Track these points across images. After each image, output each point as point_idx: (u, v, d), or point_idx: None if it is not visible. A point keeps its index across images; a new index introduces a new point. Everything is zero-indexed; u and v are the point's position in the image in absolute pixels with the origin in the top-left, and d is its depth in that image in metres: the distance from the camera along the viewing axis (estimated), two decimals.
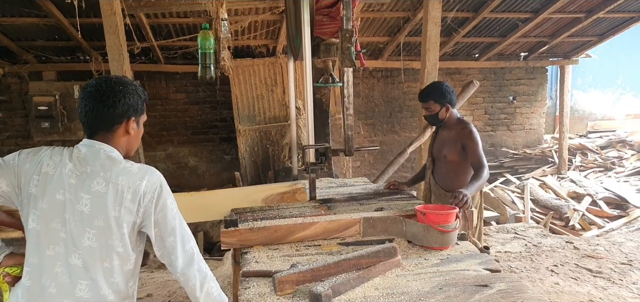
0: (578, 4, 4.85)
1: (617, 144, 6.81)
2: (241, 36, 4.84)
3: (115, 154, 1.26)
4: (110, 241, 1.21)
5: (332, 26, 2.49)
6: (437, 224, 1.74)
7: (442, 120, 2.57)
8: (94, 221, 1.19)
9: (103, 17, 2.95)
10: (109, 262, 1.22)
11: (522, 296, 1.37)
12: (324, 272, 1.46)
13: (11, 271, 1.28)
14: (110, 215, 1.19)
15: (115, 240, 1.21)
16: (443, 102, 2.52)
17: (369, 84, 6.04)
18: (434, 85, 2.60)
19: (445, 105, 2.52)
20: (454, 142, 2.47)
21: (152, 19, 4.37)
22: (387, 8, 4.69)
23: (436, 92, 2.53)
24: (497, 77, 6.48)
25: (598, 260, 3.73)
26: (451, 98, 2.53)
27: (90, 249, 1.20)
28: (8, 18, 4.17)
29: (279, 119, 4.99)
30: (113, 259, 1.22)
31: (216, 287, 1.34)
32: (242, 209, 2.16)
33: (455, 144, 2.47)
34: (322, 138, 3.00)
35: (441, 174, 2.58)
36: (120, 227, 1.21)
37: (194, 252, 1.31)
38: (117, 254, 1.22)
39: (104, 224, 1.19)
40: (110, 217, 1.19)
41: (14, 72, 4.98)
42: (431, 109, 2.56)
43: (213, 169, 5.73)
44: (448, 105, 2.53)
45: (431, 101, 2.54)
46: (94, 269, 1.20)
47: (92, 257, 1.20)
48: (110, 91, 1.24)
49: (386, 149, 6.08)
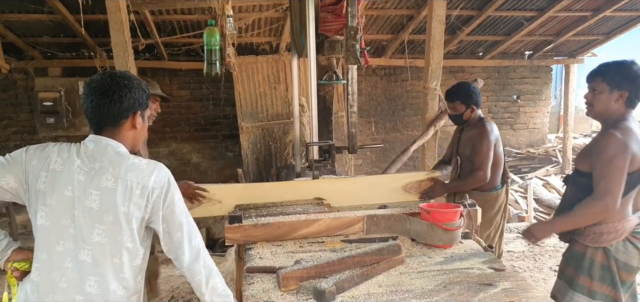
0: (584, 3, 4.82)
1: None
2: (245, 33, 4.84)
3: (122, 149, 1.27)
4: (120, 237, 1.21)
5: (337, 23, 2.48)
6: (441, 223, 1.74)
7: (466, 121, 2.60)
8: (103, 216, 1.20)
9: (108, 14, 2.96)
10: (119, 257, 1.23)
11: (526, 295, 1.37)
12: (327, 269, 1.47)
13: (19, 266, 1.29)
14: (119, 211, 1.20)
15: (125, 235, 1.22)
16: (469, 104, 2.55)
17: (372, 82, 6.03)
18: (461, 86, 2.61)
19: (470, 106, 2.55)
20: (475, 142, 2.49)
21: (157, 16, 4.38)
22: (391, 5, 4.67)
23: (463, 93, 2.56)
24: (501, 75, 6.45)
25: None
26: (477, 99, 2.57)
27: (99, 245, 1.20)
28: (15, 14, 4.20)
29: (282, 116, 4.99)
30: (123, 255, 1.23)
31: (221, 282, 1.35)
32: (246, 206, 2.17)
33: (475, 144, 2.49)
34: (325, 136, 3.00)
35: (466, 174, 2.57)
36: (130, 222, 1.22)
37: (200, 248, 1.32)
38: (127, 249, 1.23)
39: (113, 220, 1.20)
40: (119, 212, 1.20)
41: (20, 68, 5.01)
42: (457, 109, 2.59)
43: (216, 165, 5.75)
44: (473, 107, 2.56)
45: (457, 101, 2.57)
46: (104, 264, 1.21)
47: (102, 253, 1.21)
48: (116, 86, 1.24)
49: (389, 147, 6.07)
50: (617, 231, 1.70)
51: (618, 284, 1.73)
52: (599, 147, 1.71)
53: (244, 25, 4.58)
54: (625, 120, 1.71)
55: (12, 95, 5.19)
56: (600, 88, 1.75)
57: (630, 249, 1.72)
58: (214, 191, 2.16)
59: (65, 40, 4.79)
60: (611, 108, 1.73)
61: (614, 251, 1.72)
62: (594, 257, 1.75)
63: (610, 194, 1.64)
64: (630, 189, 1.68)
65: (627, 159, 1.63)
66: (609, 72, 1.73)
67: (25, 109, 5.23)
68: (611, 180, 1.64)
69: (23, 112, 5.24)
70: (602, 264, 1.74)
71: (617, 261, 1.72)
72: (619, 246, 1.72)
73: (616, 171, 1.63)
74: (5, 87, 5.15)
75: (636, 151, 1.65)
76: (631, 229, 1.71)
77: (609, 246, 1.72)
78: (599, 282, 1.75)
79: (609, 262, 1.73)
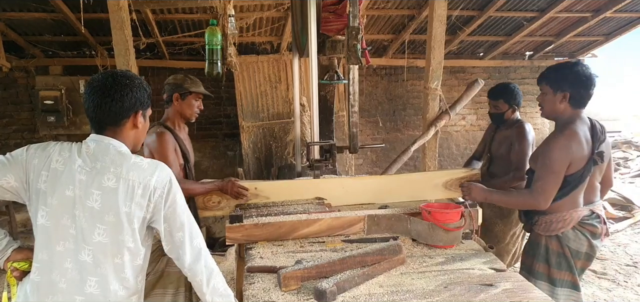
0: (585, 3, 4.81)
1: (622, 145, 6.76)
2: (246, 33, 4.84)
3: (124, 149, 1.26)
4: (121, 237, 1.21)
5: (338, 23, 2.48)
6: (442, 223, 1.74)
7: (506, 120, 2.66)
8: (105, 216, 1.20)
9: (110, 13, 2.96)
10: (120, 257, 1.23)
11: (527, 295, 1.37)
12: (328, 269, 1.47)
13: (19, 266, 1.28)
14: (121, 210, 1.20)
15: (126, 235, 1.22)
16: (512, 104, 2.62)
17: (373, 82, 6.03)
18: (507, 87, 2.68)
19: (513, 106, 2.62)
20: (512, 142, 2.56)
21: (158, 15, 4.38)
22: (392, 5, 4.67)
23: (508, 93, 2.62)
24: (501, 76, 6.44)
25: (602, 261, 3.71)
26: (519, 101, 2.63)
27: (101, 245, 1.20)
28: (16, 13, 4.20)
29: (283, 115, 4.99)
30: (124, 255, 1.23)
31: (222, 282, 1.35)
32: (247, 205, 2.18)
33: (513, 144, 2.55)
34: (326, 135, 3.00)
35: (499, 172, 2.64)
36: (131, 222, 1.21)
37: (201, 248, 1.32)
38: (128, 249, 1.23)
39: (115, 220, 1.20)
40: (121, 212, 1.20)
41: (21, 67, 5.01)
42: (499, 108, 2.65)
43: (216, 164, 5.75)
44: (515, 107, 2.62)
45: (501, 101, 2.63)
46: (105, 264, 1.21)
47: (103, 253, 1.21)
48: (117, 85, 1.24)
49: (389, 147, 6.07)
50: (565, 220, 1.84)
51: (574, 268, 1.87)
52: (543, 149, 1.86)
53: (245, 24, 4.58)
54: (573, 123, 1.82)
55: (13, 94, 5.19)
56: (546, 91, 1.89)
57: (580, 236, 1.86)
58: (262, 186, 2.18)
59: (66, 39, 4.79)
60: (558, 109, 1.86)
61: (565, 238, 1.86)
62: (549, 245, 1.90)
63: (543, 195, 1.81)
64: (576, 186, 1.81)
65: (565, 163, 1.77)
66: (551, 75, 1.88)
67: (26, 108, 5.23)
68: (547, 182, 1.80)
69: (24, 111, 5.24)
70: (557, 252, 1.88)
71: (570, 248, 1.86)
72: (569, 234, 1.86)
73: (552, 175, 1.79)
74: (6, 86, 5.15)
75: (578, 154, 1.77)
76: (579, 218, 1.84)
77: (560, 234, 1.86)
78: (556, 269, 1.88)
79: (563, 249, 1.87)
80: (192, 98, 2.23)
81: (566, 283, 1.88)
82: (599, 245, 1.89)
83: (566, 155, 1.76)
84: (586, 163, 1.78)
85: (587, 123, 1.85)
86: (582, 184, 1.81)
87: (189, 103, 2.22)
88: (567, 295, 1.87)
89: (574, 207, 1.84)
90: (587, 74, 1.81)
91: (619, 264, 3.67)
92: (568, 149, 1.76)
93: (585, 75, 1.80)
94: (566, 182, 1.80)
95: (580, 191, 1.84)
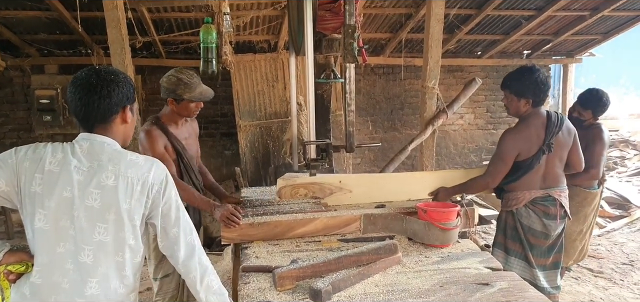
0: (583, 2, 4.82)
1: (619, 144, 6.78)
2: (242, 31, 4.82)
3: (118, 146, 1.26)
4: (122, 234, 1.21)
5: (335, 22, 2.47)
6: (438, 222, 1.74)
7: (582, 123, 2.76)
8: (105, 215, 1.19)
9: (105, 11, 2.94)
10: (121, 255, 1.22)
11: (523, 294, 1.37)
12: (324, 269, 1.46)
13: (14, 269, 1.23)
14: (122, 208, 1.19)
15: (127, 232, 1.22)
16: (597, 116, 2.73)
17: (370, 81, 6.02)
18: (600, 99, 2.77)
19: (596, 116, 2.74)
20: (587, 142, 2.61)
21: (154, 13, 4.36)
22: (389, 4, 4.66)
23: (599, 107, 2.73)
24: (499, 75, 6.44)
25: (599, 260, 3.72)
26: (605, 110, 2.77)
27: (101, 244, 1.19)
28: (11, 11, 4.17)
29: (280, 114, 4.98)
30: (125, 252, 1.23)
31: (216, 280, 1.34)
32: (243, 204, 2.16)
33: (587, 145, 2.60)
34: (323, 134, 2.98)
35: None
36: (132, 219, 1.22)
37: (195, 245, 1.32)
38: (129, 246, 1.23)
39: (116, 217, 1.20)
40: (122, 209, 1.19)
41: (16, 66, 4.98)
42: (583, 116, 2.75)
43: (213, 164, 5.73)
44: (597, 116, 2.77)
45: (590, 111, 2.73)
46: (106, 263, 1.20)
47: (104, 252, 1.20)
48: (103, 81, 1.22)
49: (387, 147, 6.06)
50: (518, 199, 2.14)
51: (525, 242, 2.14)
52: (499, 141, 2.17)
53: (241, 23, 4.56)
54: (527, 120, 2.11)
55: (9, 93, 5.16)
56: (510, 97, 2.16)
57: (532, 215, 2.13)
58: (346, 180, 2.19)
59: (62, 38, 4.77)
60: (521, 110, 2.14)
61: (518, 215, 2.15)
62: (506, 219, 2.21)
63: (491, 176, 2.15)
64: (527, 171, 2.10)
65: (512, 152, 2.08)
66: (512, 84, 2.13)
67: (21, 107, 5.20)
68: (495, 167, 2.13)
69: (19, 110, 5.21)
70: (512, 225, 2.18)
71: (522, 224, 2.14)
72: (522, 211, 2.14)
73: (500, 161, 2.11)
74: (2, 85, 5.12)
75: (525, 145, 2.07)
76: (531, 198, 2.12)
77: (514, 210, 2.15)
78: (511, 240, 2.19)
79: (515, 223, 2.16)
80: (187, 101, 2.21)
81: (518, 254, 2.17)
82: (554, 225, 2.12)
83: (513, 146, 2.07)
84: (536, 153, 2.06)
85: (543, 117, 2.09)
86: (532, 170, 2.08)
87: (185, 106, 2.20)
88: (522, 267, 2.14)
89: (527, 189, 2.11)
90: (544, 79, 2.09)
91: (615, 262, 3.68)
92: (516, 141, 2.07)
93: (543, 82, 2.08)
94: (518, 167, 2.10)
95: (532, 175, 2.10)
